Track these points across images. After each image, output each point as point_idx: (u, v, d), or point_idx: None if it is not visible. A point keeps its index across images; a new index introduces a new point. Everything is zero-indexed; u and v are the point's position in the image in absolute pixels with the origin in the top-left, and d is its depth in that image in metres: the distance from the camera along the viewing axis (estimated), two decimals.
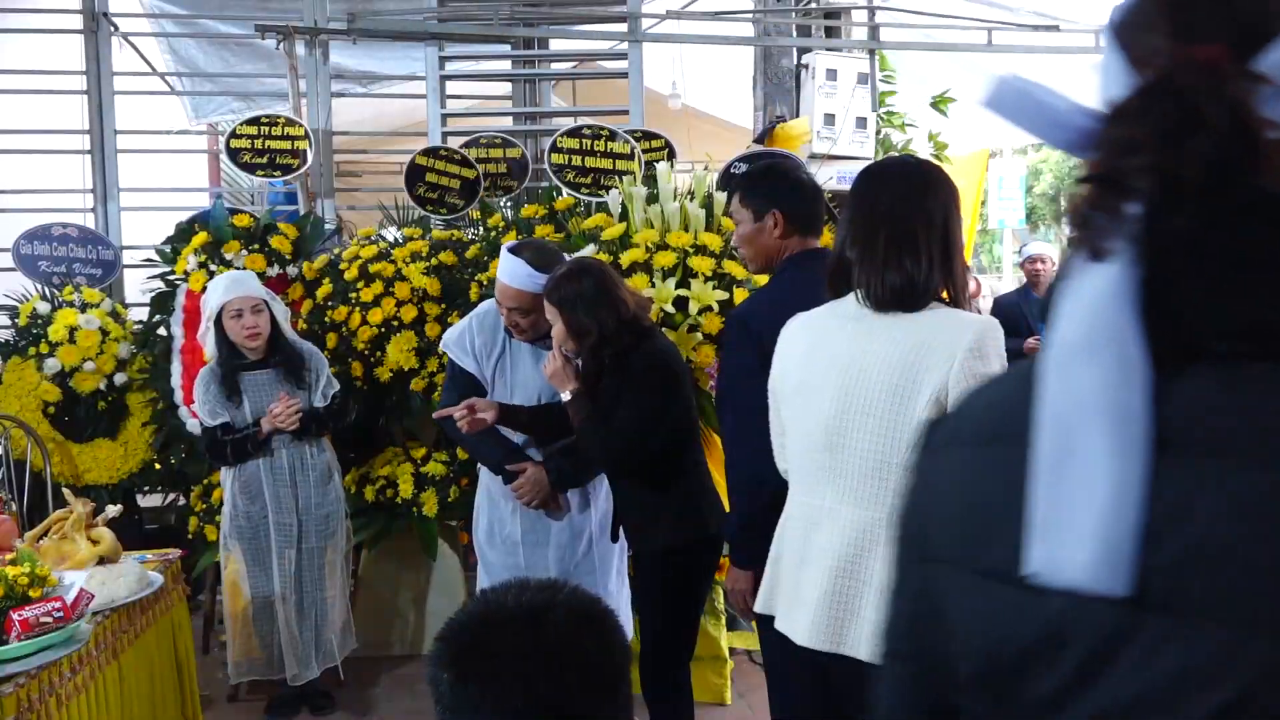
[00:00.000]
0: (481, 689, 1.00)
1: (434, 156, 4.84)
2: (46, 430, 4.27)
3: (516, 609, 1.05)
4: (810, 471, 1.91)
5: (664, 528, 2.73)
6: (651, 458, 2.69)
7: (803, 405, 1.92)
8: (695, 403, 2.87)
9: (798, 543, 1.92)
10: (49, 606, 2.21)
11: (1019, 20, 5.87)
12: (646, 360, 2.65)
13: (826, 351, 1.87)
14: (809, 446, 1.90)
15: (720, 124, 8.13)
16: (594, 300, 2.60)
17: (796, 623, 1.88)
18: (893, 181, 1.89)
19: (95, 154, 5.27)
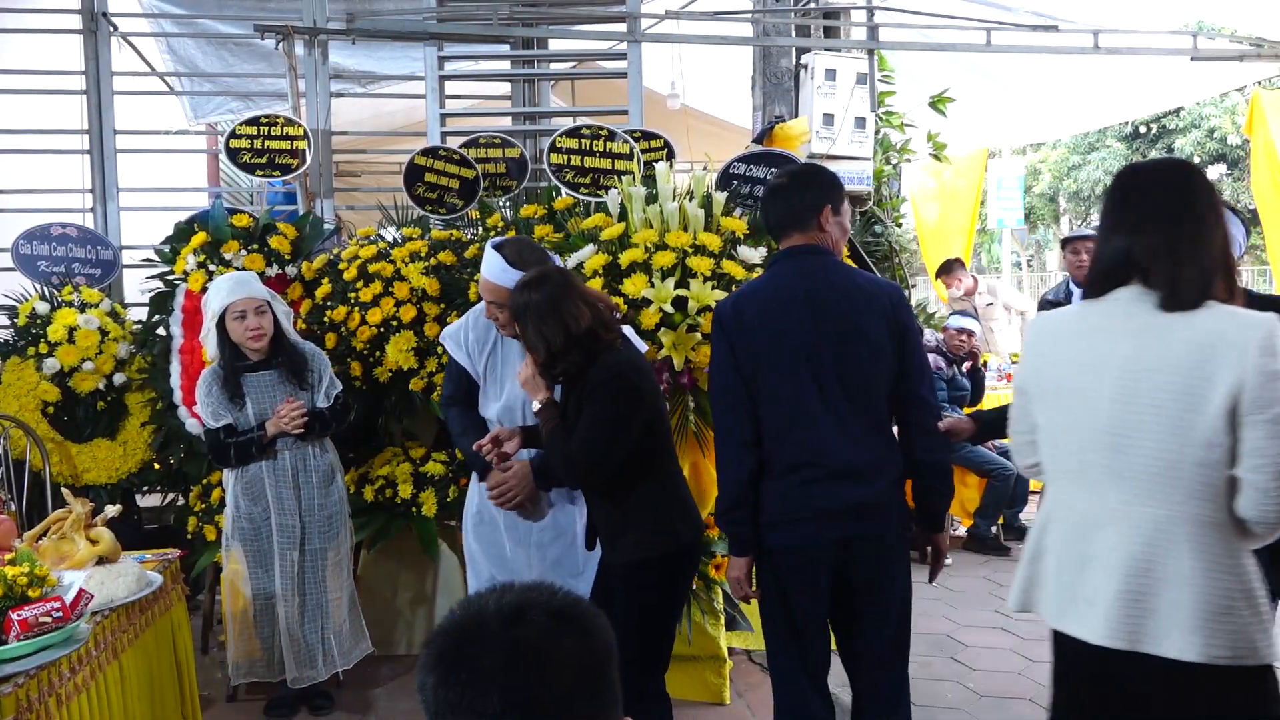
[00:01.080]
0: (461, 691, 1.01)
1: (433, 156, 4.84)
2: (45, 430, 4.27)
3: (496, 611, 1.06)
4: (1084, 472, 1.91)
5: (632, 540, 2.70)
6: (616, 471, 2.65)
7: (1070, 407, 1.93)
8: (664, 413, 2.83)
9: (1073, 543, 1.93)
10: (48, 606, 2.21)
11: (1017, 20, 5.87)
12: (603, 373, 2.61)
13: (1097, 352, 1.89)
14: (1081, 447, 1.91)
15: (719, 124, 8.13)
16: (541, 314, 2.59)
17: (1088, 623, 1.88)
18: (1174, 180, 1.92)
19: (94, 154, 5.27)
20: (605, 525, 2.78)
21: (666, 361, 3.34)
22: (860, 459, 2.51)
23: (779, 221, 2.68)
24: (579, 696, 1.03)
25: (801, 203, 2.63)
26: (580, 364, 2.63)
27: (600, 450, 2.61)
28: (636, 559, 2.70)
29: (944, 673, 4.14)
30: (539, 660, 1.02)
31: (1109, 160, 21.13)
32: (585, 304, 2.63)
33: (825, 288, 2.55)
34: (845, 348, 2.51)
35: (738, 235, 3.65)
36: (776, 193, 2.70)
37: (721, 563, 3.65)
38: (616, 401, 2.60)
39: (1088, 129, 17.53)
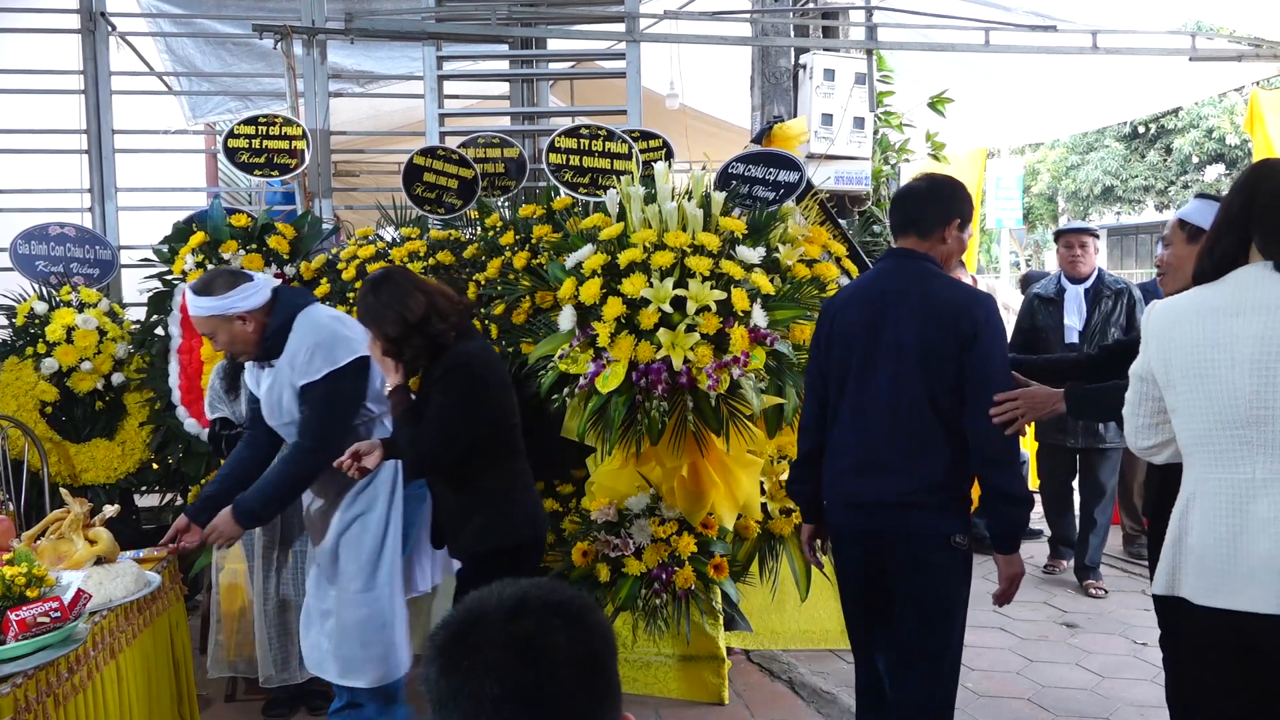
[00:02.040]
0: (462, 679, 1.04)
1: (431, 156, 4.84)
2: (44, 430, 4.27)
3: (497, 605, 1.09)
4: (1227, 448, 2.01)
5: (471, 534, 2.82)
6: (458, 461, 2.75)
7: (1207, 386, 2.03)
8: (513, 409, 2.93)
9: (1222, 519, 2.01)
10: (46, 606, 2.21)
11: (1016, 20, 5.87)
12: (450, 361, 2.78)
13: (1227, 331, 2.00)
14: (1223, 424, 2.01)
15: (718, 124, 8.13)
16: (378, 305, 2.81)
17: (1251, 594, 1.94)
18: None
19: (93, 154, 5.27)
20: (448, 518, 2.88)
21: (665, 361, 3.34)
22: (892, 458, 2.60)
23: (903, 221, 2.77)
24: (578, 688, 1.05)
25: (933, 211, 2.72)
26: (430, 352, 2.82)
27: (440, 439, 2.74)
28: (474, 552, 2.83)
29: None
30: (538, 651, 1.05)
31: (1107, 160, 21.15)
32: (423, 295, 2.84)
33: (902, 293, 2.64)
34: (900, 353, 2.60)
35: (736, 235, 3.64)
36: (912, 195, 2.80)
37: (720, 563, 3.66)
38: (460, 389, 2.75)
39: (1086, 129, 17.55)
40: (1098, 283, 5.15)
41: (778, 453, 4.08)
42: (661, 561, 3.59)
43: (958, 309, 2.59)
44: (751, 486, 3.77)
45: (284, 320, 2.99)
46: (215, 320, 2.94)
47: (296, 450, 2.99)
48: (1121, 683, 4.01)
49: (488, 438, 2.80)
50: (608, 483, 3.77)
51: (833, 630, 4.39)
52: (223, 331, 2.95)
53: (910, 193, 2.82)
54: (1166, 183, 20.74)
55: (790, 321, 3.58)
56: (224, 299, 2.92)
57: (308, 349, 2.95)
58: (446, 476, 2.86)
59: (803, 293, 3.72)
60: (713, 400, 3.32)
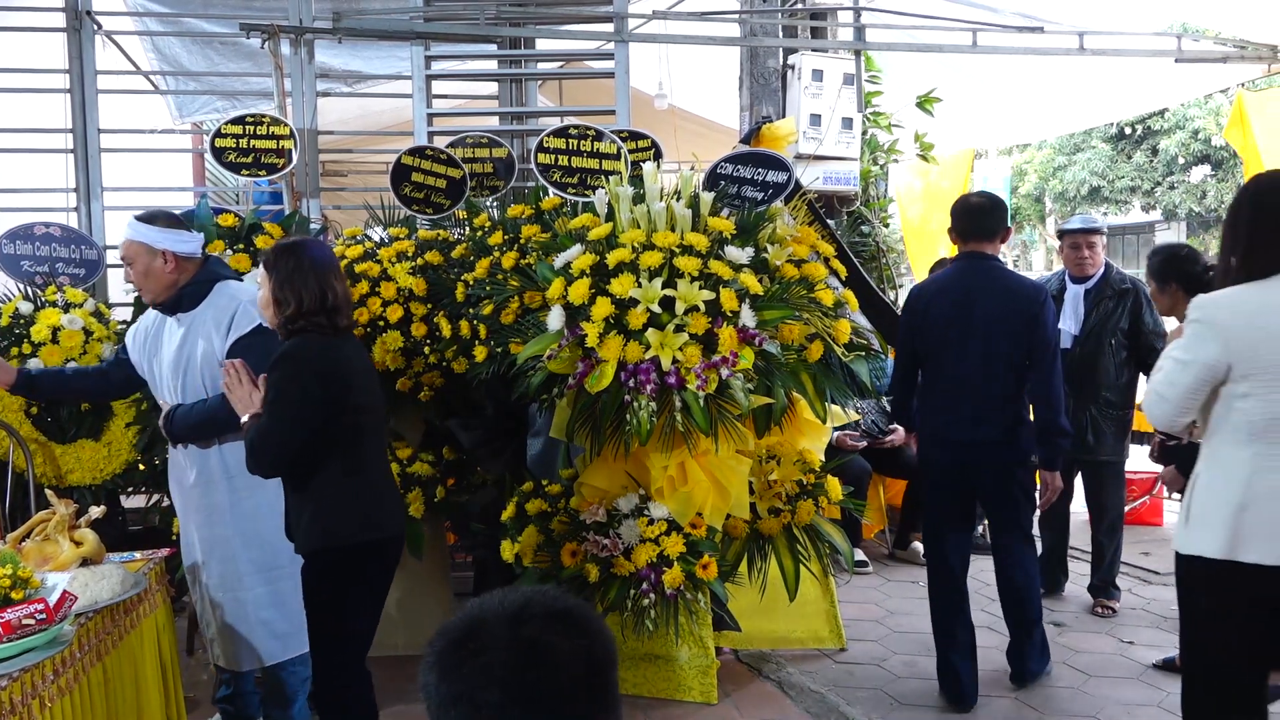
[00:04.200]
0: (463, 684, 1.05)
1: (420, 156, 4.83)
2: (29, 431, 4.24)
3: (498, 611, 1.10)
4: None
5: (304, 530, 2.82)
6: (294, 458, 2.75)
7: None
8: (362, 407, 2.89)
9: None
10: (31, 609, 2.19)
11: (1003, 22, 5.90)
12: (279, 353, 2.77)
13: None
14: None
15: (706, 124, 8.14)
16: (292, 275, 2.79)
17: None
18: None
19: (78, 153, 5.23)
20: (289, 512, 2.89)
21: (654, 361, 3.34)
22: (984, 410, 3.73)
23: (974, 229, 3.79)
24: (580, 693, 1.06)
25: (996, 221, 3.80)
26: (291, 333, 2.81)
27: (272, 438, 2.71)
28: (304, 549, 2.84)
29: (930, 672, 4.15)
30: (539, 657, 1.06)
31: (1094, 161, 21.24)
32: (338, 282, 2.87)
33: (984, 286, 3.73)
34: (989, 331, 3.70)
35: (725, 235, 3.64)
36: (980, 209, 3.81)
37: (709, 563, 3.66)
38: (284, 384, 2.72)
39: (1073, 130, 17.65)
40: (1100, 282, 4.79)
41: (766, 453, 4.08)
42: (650, 562, 3.59)
43: (1026, 295, 3.72)
44: (740, 486, 3.77)
45: (206, 280, 3.18)
46: (140, 247, 3.11)
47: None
48: (1108, 681, 4.03)
49: (320, 433, 2.76)
50: (596, 483, 3.76)
51: (821, 631, 4.40)
52: (142, 261, 3.11)
53: (978, 208, 3.82)
54: (1153, 183, 20.85)
55: (779, 321, 3.59)
56: (158, 231, 3.11)
57: (235, 307, 3.13)
58: (287, 470, 2.84)
59: (791, 293, 3.72)
60: (701, 400, 3.33)
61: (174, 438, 3.17)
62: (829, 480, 4.24)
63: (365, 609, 2.92)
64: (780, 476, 4.13)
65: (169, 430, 3.15)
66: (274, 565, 3.21)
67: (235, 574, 3.19)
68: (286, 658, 3.26)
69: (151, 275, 3.13)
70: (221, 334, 3.11)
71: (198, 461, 3.20)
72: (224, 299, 3.17)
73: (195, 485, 3.21)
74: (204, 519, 3.21)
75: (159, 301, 3.19)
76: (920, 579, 5.16)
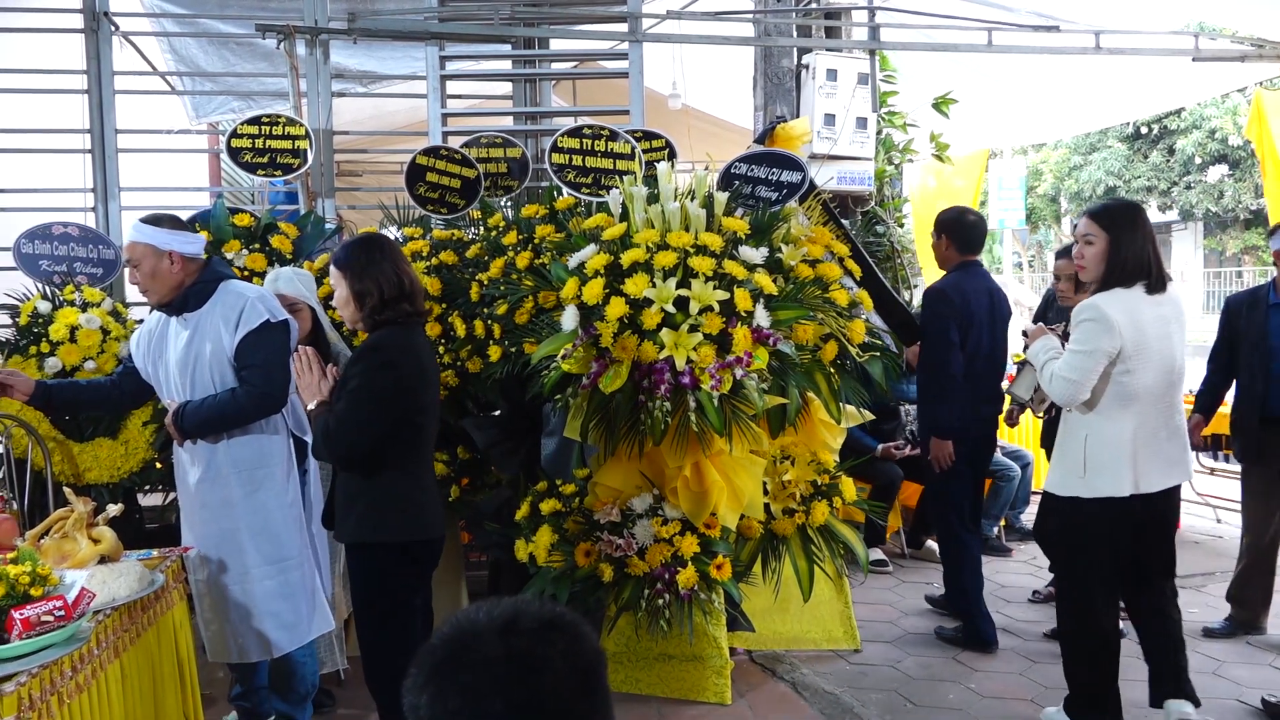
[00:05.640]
0: (461, 701, 1.04)
1: (434, 156, 4.84)
2: (47, 429, 4.27)
3: (489, 622, 1.09)
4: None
5: (353, 521, 2.89)
6: (371, 450, 2.82)
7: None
8: (428, 409, 2.98)
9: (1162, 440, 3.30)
10: (50, 605, 2.21)
11: (1019, 21, 5.87)
12: (369, 344, 2.86)
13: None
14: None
15: (720, 124, 8.13)
16: (364, 267, 2.90)
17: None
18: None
19: (96, 153, 5.27)
20: (338, 501, 2.94)
21: (668, 361, 3.34)
22: (998, 391, 4.60)
23: (977, 242, 4.56)
24: (577, 700, 1.07)
25: (986, 235, 4.70)
26: (373, 327, 2.90)
27: (353, 429, 2.78)
28: (353, 541, 2.91)
29: (944, 673, 4.14)
30: (537, 665, 1.06)
31: (1110, 161, 21.12)
32: (408, 272, 2.97)
33: (994, 290, 4.53)
34: (999, 327, 4.50)
35: (739, 235, 3.64)
36: (976, 225, 4.57)
37: (723, 563, 3.66)
38: (373, 375, 2.80)
39: (1089, 129, 17.57)
40: None
41: (781, 453, 4.08)
42: (664, 562, 3.59)
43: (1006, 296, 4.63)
44: (754, 486, 3.76)
45: (210, 280, 3.23)
46: (147, 249, 3.16)
47: (247, 393, 3.14)
48: (1123, 684, 4.01)
49: (398, 433, 2.85)
50: (610, 483, 3.77)
51: (835, 632, 4.39)
52: (148, 263, 3.16)
53: (977, 224, 4.58)
54: (1169, 183, 20.72)
55: (793, 321, 3.58)
56: (165, 233, 3.17)
57: (242, 304, 3.17)
58: (347, 460, 2.91)
59: (805, 293, 3.71)
60: (715, 400, 3.32)
61: (184, 433, 3.20)
62: (843, 481, 4.24)
63: (408, 600, 2.97)
64: (794, 477, 4.13)
65: (179, 426, 3.18)
66: (283, 557, 3.25)
67: (243, 567, 3.21)
68: (293, 647, 3.30)
69: (158, 276, 3.17)
70: (231, 330, 3.15)
71: (204, 458, 3.23)
72: (231, 297, 3.21)
73: (201, 481, 3.24)
74: (210, 514, 3.24)
75: (164, 302, 3.22)
76: (935, 580, 5.15)
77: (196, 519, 3.28)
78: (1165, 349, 3.26)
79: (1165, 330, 3.26)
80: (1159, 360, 3.25)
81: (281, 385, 3.15)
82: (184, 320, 3.23)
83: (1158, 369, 3.25)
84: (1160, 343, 3.24)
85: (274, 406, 3.20)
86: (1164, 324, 3.26)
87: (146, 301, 3.36)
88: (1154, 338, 3.23)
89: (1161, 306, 3.27)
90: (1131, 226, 3.30)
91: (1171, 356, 3.29)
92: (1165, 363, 3.26)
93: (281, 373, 3.11)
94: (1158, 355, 3.24)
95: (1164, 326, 3.26)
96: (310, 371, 2.88)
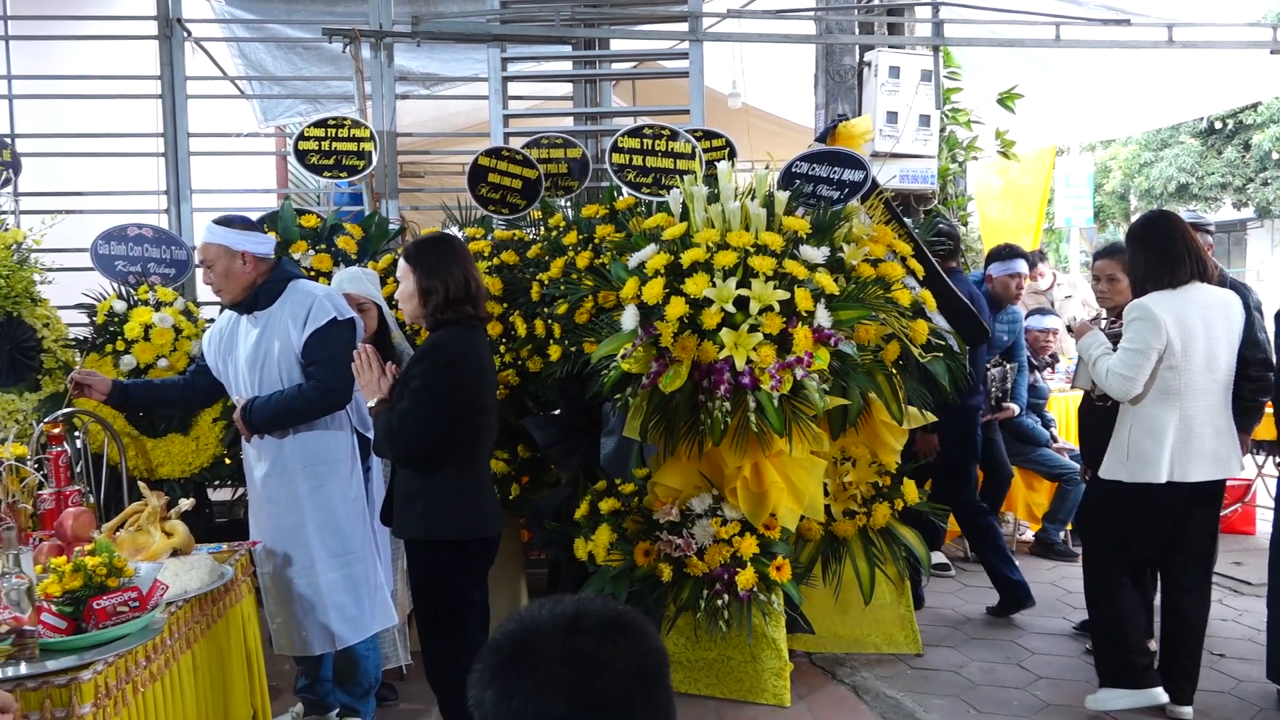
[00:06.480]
0: (525, 700, 1.04)
1: (496, 157, 4.88)
2: (123, 425, 4.39)
3: (551, 621, 1.09)
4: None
5: (413, 519, 2.92)
6: (434, 449, 2.84)
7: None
8: (488, 408, 2.98)
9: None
10: (126, 596, 2.27)
11: (1088, 14, 5.74)
12: (431, 343, 2.88)
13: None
14: None
15: (781, 123, 8.08)
16: (435, 263, 2.92)
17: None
18: None
19: (169, 156, 5.40)
20: (398, 497, 2.96)
21: (728, 361, 3.33)
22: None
23: (956, 251, 4.90)
24: (638, 700, 1.06)
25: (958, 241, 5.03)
26: (436, 326, 2.92)
27: (416, 428, 2.81)
28: (413, 538, 2.94)
29: (1008, 679, 4.06)
30: (600, 665, 1.05)
31: (1182, 157, 20.58)
32: (474, 274, 2.99)
33: (974, 294, 4.79)
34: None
35: (800, 235, 3.62)
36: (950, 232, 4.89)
37: (782, 564, 3.64)
38: (441, 372, 2.82)
39: (1160, 125, 17.09)
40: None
41: (841, 454, 4.05)
42: (723, 562, 3.58)
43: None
44: (815, 488, 3.74)
45: (280, 279, 3.30)
46: (221, 250, 3.24)
47: (313, 388, 3.20)
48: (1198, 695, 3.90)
49: (457, 431, 2.88)
50: (670, 482, 3.77)
51: (896, 635, 4.33)
52: (222, 263, 3.24)
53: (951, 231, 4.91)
54: (1245, 180, 20.11)
55: (855, 321, 3.55)
56: (238, 234, 3.25)
57: (310, 302, 3.24)
58: (409, 457, 2.95)
59: (867, 293, 3.68)
60: (775, 401, 3.30)
61: (253, 428, 3.27)
62: (905, 483, 4.18)
63: (466, 597, 3.01)
64: (855, 478, 4.09)
65: (246, 422, 3.25)
66: (346, 551, 3.31)
67: (308, 561, 3.27)
68: (356, 640, 3.35)
69: (231, 276, 3.25)
70: (299, 327, 3.22)
71: (271, 453, 3.30)
72: (299, 295, 3.28)
73: (268, 476, 3.31)
74: (276, 509, 3.30)
75: (237, 301, 3.30)
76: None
77: (263, 513, 3.35)
78: (1210, 347, 3.42)
79: (1211, 329, 3.42)
80: (1203, 358, 3.41)
81: (346, 382, 3.20)
82: (254, 319, 3.30)
83: (1201, 366, 3.41)
84: (1206, 341, 3.41)
85: (339, 402, 3.26)
86: (1210, 323, 3.42)
87: (217, 301, 3.44)
88: (1199, 336, 3.40)
89: (1209, 308, 3.44)
90: (1138, 241, 3.55)
91: (1216, 354, 3.43)
92: (1210, 360, 3.42)
93: (347, 369, 3.17)
94: (1202, 353, 3.41)
95: (1210, 325, 3.42)
96: (370, 369, 2.93)
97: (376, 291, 3.81)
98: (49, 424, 3.43)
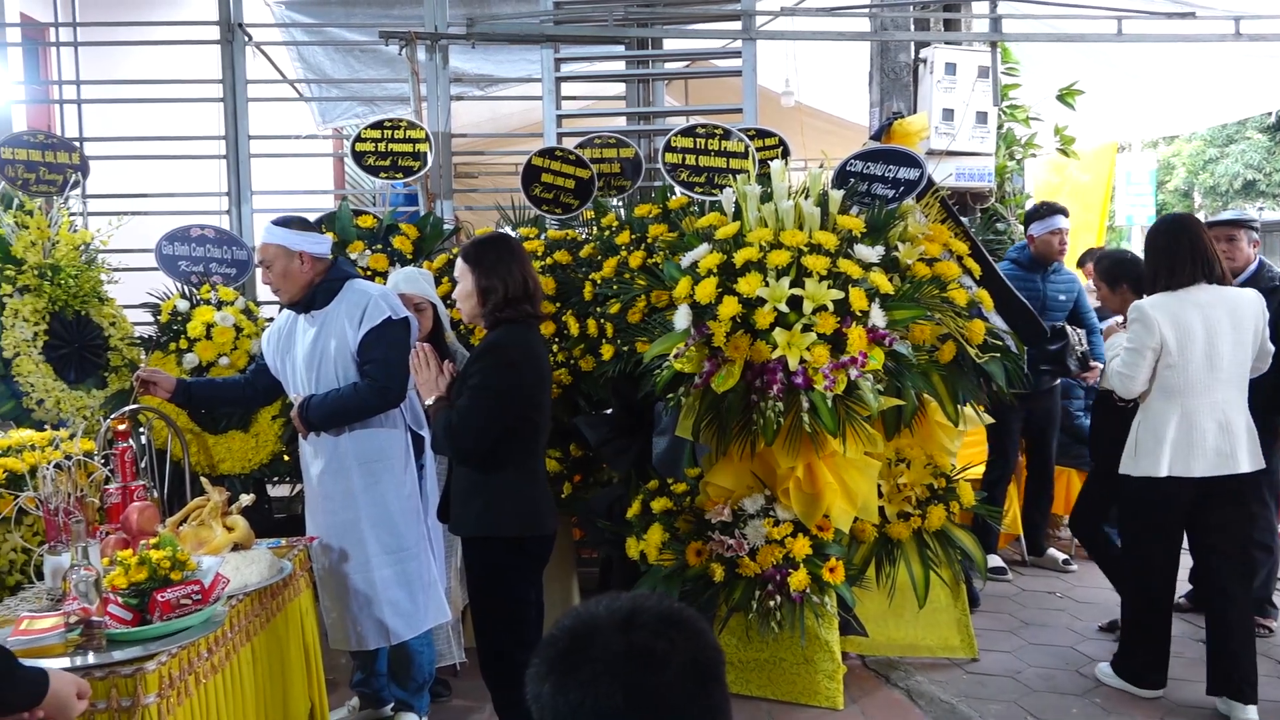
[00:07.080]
0: (582, 694, 1.05)
1: (549, 157, 4.91)
2: (185, 422, 4.49)
3: (608, 616, 1.10)
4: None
5: (471, 516, 2.92)
6: (493, 445, 2.85)
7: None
8: (544, 407, 2.98)
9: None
10: (188, 589, 2.32)
11: (1152, 8, 5.61)
12: (489, 342, 2.91)
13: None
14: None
15: (835, 121, 8.02)
16: (494, 263, 2.94)
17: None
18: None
19: (230, 158, 5.51)
20: (455, 494, 2.97)
21: (781, 361, 3.31)
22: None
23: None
24: (696, 696, 1.07)
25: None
26: (493, 325, 2.94)
27: (475, 428, 2.82)
28: (471, 535, 2.95)
29: (1067, 686, 3.99)
30: (656, 661, 1.06)
31: (1249, 153, 20.06)
32: (531, 273, 3.01)
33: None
34: None
35: (854, 234, 3.59)
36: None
37: (836, 566, 3.61)
38: (496, 374, 2.84)
39: (1226, 120, 16.66)
40: (1251, 279, 4.29)
41: (896, 455, 4.00)
42: (776, 563, 3.56)
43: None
44: (868, 489, 3.70)
45: (337, 279, 3.35)
46: (279, 250, 3.29)
47: (368, 386, 3.24)
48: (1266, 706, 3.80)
49: (517, 429, 2.90)
50: (722, 482, 3.76)
51: (952, 640, 4.27)
52: (280, 263, 3.29)
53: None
54: None
55: (910, 321, 3.51)
56: (296, 234, 3.30)
57: (366, 302, 3.28)
58: (467, 454, 2.97)
59: (923, 292, 3.64)
60: (829, 401, 3.28)
61: (309, 425, 3.33)
62: (961, 485, 4.13)
63: (522, 594, 3.03)
64: (910, 480, 4.05)
65: (303, 419, 3.31)
66: (401, 547, 3.35)
67: (364, 556, 3.32)
68: (410, 636, 3.39)
69: (289, 276, 3.31)
70: (355, 326, 3.27)
71: (327, 450, 3.35)
72: (356, 295, 3.33)
73: (324, 473, 3.36)
74: (332, 505, 3.35)
75: (294, 300, 3.36)
76: (1058, 589, 4.97)
77: (319, 509, 3.40)
78: (1211, 346, 3.52)
79: (1213, 328, 3.52)
80: (1203, 357, 3.52)
81: (401, 380, 3.24)
82: (311, 318, 3.35)
83: (1201, 364, 3.53)
84: (1206, 340, 3.52)
85: (393, 400, 3.30)
86: (1212, 322, 3.52)
87: (277, 300, 3.50)
88: (1198, 336, 3.52)
89: (1211, 308, 3.53)
90: (1146, 244, 3.77)
91: (1219, 353, 3.53)
92: (1211, 359, 3.53)
93: (401, 368, 3.20)
94: (1201, 352, 3.52)
95: (1212, 325, 3.52)
96: (427, 367, 2.96)
97: (432, 291, 3.84)
98: (115, 420, 3.52)
